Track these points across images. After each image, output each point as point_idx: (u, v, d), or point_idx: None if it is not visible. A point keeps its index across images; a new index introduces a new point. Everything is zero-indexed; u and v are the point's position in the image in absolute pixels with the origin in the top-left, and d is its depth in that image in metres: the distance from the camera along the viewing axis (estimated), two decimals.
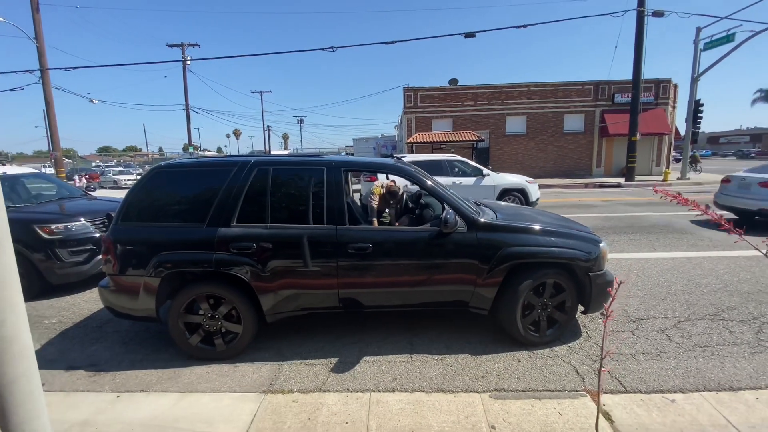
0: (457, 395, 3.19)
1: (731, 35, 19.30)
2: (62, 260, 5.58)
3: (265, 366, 3.69)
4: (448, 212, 3.65)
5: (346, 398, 3.17)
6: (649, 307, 4.77)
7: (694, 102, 22.07)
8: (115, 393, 3.34)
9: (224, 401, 3.18)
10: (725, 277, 5.74)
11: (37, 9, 19.65)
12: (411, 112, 27.50)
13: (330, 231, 3.70)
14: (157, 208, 3.80)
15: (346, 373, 3.54)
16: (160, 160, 54.76)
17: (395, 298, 3.90)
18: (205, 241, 3.64)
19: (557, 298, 3.87)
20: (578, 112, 27.14)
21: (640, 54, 20.00)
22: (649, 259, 6.77)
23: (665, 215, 10.90)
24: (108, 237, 3.75)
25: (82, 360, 3.89)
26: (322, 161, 3.93)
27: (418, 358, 3.77)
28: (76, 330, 4.57)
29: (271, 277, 3.67)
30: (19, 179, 7.03)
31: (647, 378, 3.35)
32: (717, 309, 4.66)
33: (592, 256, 3.85)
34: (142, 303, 3.72)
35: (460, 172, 12.00)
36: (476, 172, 11.96)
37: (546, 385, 3.29)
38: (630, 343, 3.94)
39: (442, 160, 12.13)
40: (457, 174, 11.90)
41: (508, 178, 12.13)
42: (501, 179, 11.93)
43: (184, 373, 3.61)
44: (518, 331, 3.82)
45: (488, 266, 3.72)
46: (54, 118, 20.67)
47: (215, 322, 3.74)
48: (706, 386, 3.24)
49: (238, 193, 3.73)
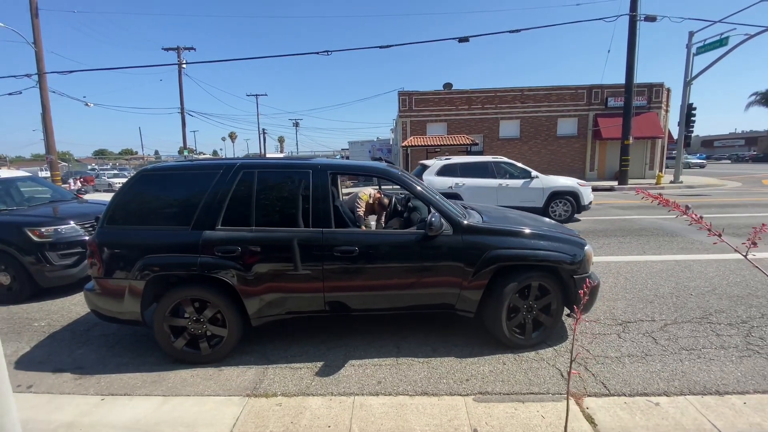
0: (441, 398, 3.18)
1: (724, 39, 19.44)
2: (52, 263, 5.56)
3: (250, 369, 3.68)
4: (433, 215, 3.66)
5: (329, 402, 3.16)
6: (637, 309, 4.79)
7: (687, 106, 22.21)
8: (100, 396, 3.32)
9: (207, 405, 3.16)
10: (714, 280, 5.76)
11: (36, 14, 19.61)
12: (406, 115, 27.56)
13: (315, 234, 3.70)
14: (143, 211, 3.80)
15: (330, 376, 3.53)
16: (155, 163, 54.46)
17: (382, 302, 3.90)
18: (190, 244, 3.64)
19: (542, 301, 3.88)
20: (571, 116, 27.25)
21: (632, 58, 20.11)
22: (639, 262, 6.80)
23: (657, 218, 10.95)
24: (93, 240, 3.74)
25: (69, 363, 3.87)
26: (307, 164, 3.94)
27: (404, 361, 3.76)
28: (65, 333, 4.55)
29: (256, 280, 3.66)
30: (12, 182, 7.02)
31: (632, 381, 3.35)
32: (705, 312, 4.67)
33: (577, 258, 3.87)
34: (127, 306, 3.70)
35: (507, 174, 11.51)
36: (524, 175, 11.45)
37: (530, 388, 3.29)
38: (616, 345, 3.94)
39: (488, 162, 11.70)
40: (503, 176, 11.43)
41: (559, 180, 11.52)
42: (550, 182, 11.36)
43: (168, 376, 3.59)
44: (503, 334, 3.83)
45: (473, 269, 3.72)
46: (50, 122, 20.58)
47: (200, 325, 3.73)
48: (691, 390, 3.23)
49: (223, 196, 3.73)
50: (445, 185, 10.99)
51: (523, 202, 10.90)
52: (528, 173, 11.44)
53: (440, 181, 11.08)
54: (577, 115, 27.22)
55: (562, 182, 11.42)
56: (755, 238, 1.84)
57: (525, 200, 11.03)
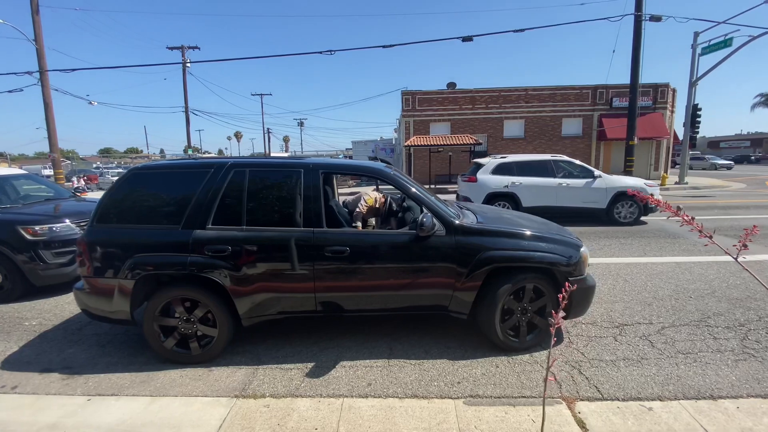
0: (431, 401, 3.13)
1: (729, 40, 19.28)
2: (46, 261, 5.55)
3: (240, 370, 3.64)
4: (425, 215, 3.61)
5: (318, 404, 3.12)
6: (635, 312, 4.72)
7: (693, 106, 22.04)
8: (86, 396, 3.29)
9: (195, 406, 3.13)
10: (714, 282, 5.68)
11: (36, 11, 19.70)
12: (409, 115, 27.49)
13: (307, 234, 3.66)
14: (133, 210, 3.77)
15: (320, 378, 3.49)
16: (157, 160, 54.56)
17: (374, 302, 3.85)
18: (179, 244, 3.60)
19: (537, 303, 3.82)
20: (576, 116, 27.10)
21: (637, 58, 19.96)
22: (639, 264, 6.72)
23: (659, 219, 10.85)
24: (82, 239, 3.71)
25: (58, 362, 3.85)
26: (299, 163, 3.90)
27: (396, 363, 3.72)
28: (56, 332, 4.52)
29: (247, 280, 3.63)
30: (8, 180, 7.02)
31: (625, 385, 3.29)
32: (703, 315, 4.60)
33: (573, 260, 3.81)
34: (116, 305, 3.68)
35: (567, 173, 10.98)
36: (586, 174, 10.88)
37: (522, 392, 3.24)
38: (611, 349, 3.88)
39: (547, 161, 11.15)
40: (563, 175, 10.90)
41: (625, 180, 10.93)
42: (615, 181, 10.74)
43: (157, 376, 3.56)
44: (497, 336, 3.77)
45: (467, 270, 3.67)
46: (53, 120, 20.66)
47: (191, 325, 3.70)
48: (685, 394, 3.17)
49: (214, 195, 3.69)
50: (500, 184, 10.76)
51: (585, 203, 10.63)
52: (590, 172, 10.89)
53: (495, 180, 10.83)
54: (581, 115, 27.06)
55: (628, 182, 10.83)
56: (746, 240, 1.79)
57: (587, 201, 10.64)
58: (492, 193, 10.75)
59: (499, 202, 10.72)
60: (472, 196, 10.93)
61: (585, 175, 10.88)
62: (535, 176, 10.87)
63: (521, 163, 11.14)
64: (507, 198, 10.77)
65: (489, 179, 10.88)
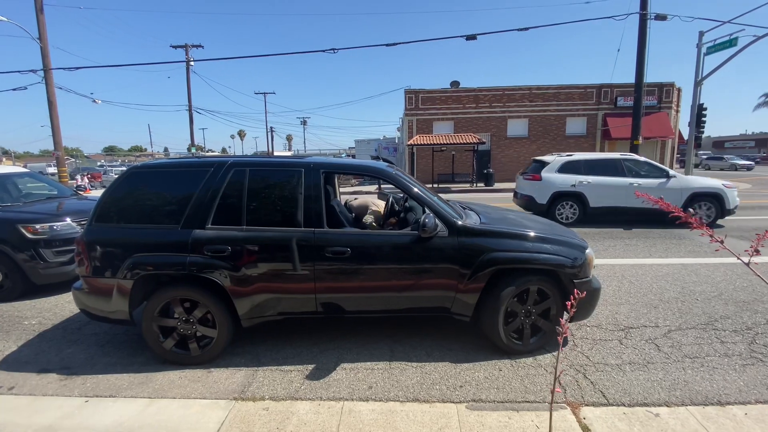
0: (433, 405, 3.08)
1: (734, 39, 19.07)
2: (46, 260, 5.52)
3: (239, 371, 3.60)
4: (427, 216, 3.55)
5: (317, 407, 3.08)
6: (640, 315, 4.65)
7: (698, 106, 21.85)
8: (84, 397, 3.25)
9: (193, 408, 3.09)
10: (721, 284, 5.60)
11: (41, 9, 19.68)
12: (412, 114, 27.42)
13: (307, 234, 3.61)
14: (132, 210, 3.72)
15: (321, 380, 3.44)
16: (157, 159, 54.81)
17: (375, 304, 3.80)
18: (179, 244, 3.56)
19: (541, 306, 3.76)
20: (580, 115, 26.97)
21: (642, 57, 19.81)
22: (644, 265, 6.64)
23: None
24: (81, 238, 3.68)
25: (56, 363, 3.81)
26: (300, 163, 3.84)
27: (397, 365, 3.66)
28: (55, 331, 4.49)
29: (247, 280, 3.58)
30: (9, 178, 7.00)
31: (632, 390, 3.23)
32: (710, 318, 4.53)
33: (578, 262, 3.74)
34: (115, 305, 3.64)
35: (639, 172, 10.53)
36: (659, 173, 10.41)
37: (526, 396, 3.18)
38: (617, 352, 3.82)
39: (617, 159, 10.68)
40: (634, 175, 10.44)
41: (701, 181, 10.36)
42: (690, 182, 10.26)
43: (156, 377, 3.52)
44: (500, 339, 3.71)
45: (470, 271, 3.61)
46: (57, 118, 20.65)
47: (190, 326, 3.66)
48: (693, 400, 3.11)
49: (213, 194, 3.65)
50: (566, 183, 10.41)
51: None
52: (664, 172, 10.41)
53: (561, 179, 10.48)
54: (586, 114, 26.94)
55: (704, 183, 10.29)
56: (758, 245, 1.72)
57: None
58: (558, 192, 10.44)
59: (566, 201, 10.45)
60: (536, 195, 10.70)
61: (658, 174, 10.42)
62: (604, 175, 10.42)
63: (590, 161, 10.72)
64: (573, 197, 10.44)
65: (554, 178, 10.52)
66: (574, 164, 10.67)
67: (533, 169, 11.29)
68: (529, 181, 11.00)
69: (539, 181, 10.68)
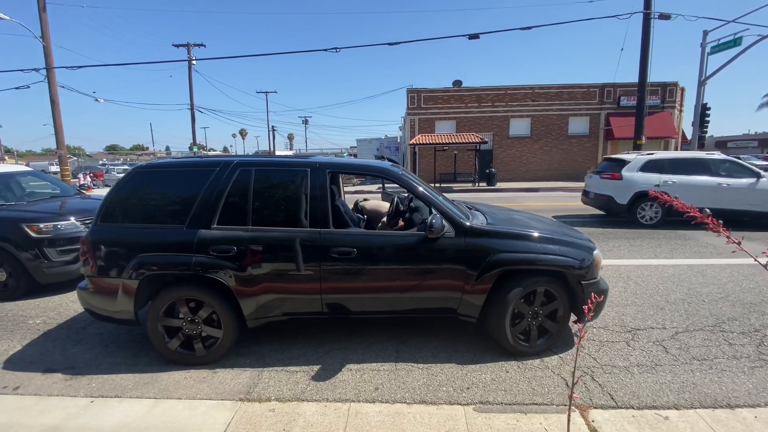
0: (440, 407, 3.06)
1: (738, 39, 19.00)
2: (51, 259, 5.51)
3: (245, 372, 3.58)
4: (434, 216, 3.53)
5: (324, 408, 3.06)
6: (647, 316, 4.62)
7: (701, 106, 21.77)
8: (89, 398, 3.24)
9: (199, 409, 3.07)
10: (728, 286, 5.57)
11: (44, 8, 19.69)
12: (414, 113, 27.38)
13: (313, 234, 3.59)
14: (137, 209, 3.71)
15: (327, 381, 3.42)
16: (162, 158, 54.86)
17: (381, 304, 3.78)
18: (184, 244, 3.54)
19: (548, 307, 3.73)
20: (583, 114, 26.90)
21: (646, 57, 19.74)
22: (650, 266, 6.60)
23: (669, 221, 10.68)
24: (86, 238, 3.66)
25: (61, 362, 3.80)
26: (306, 162, 3.82)
27: (403, 366, 3.64)
28: (60, 331, 4.48)
29: (252, 281, 3.56)
30: (13, 177, 6.99)
31: (640, 393, 3.20)
32: (717, 320, 4.50)
33: (585, 263, 3.71)
34: (120, 305, 3.63)
35: (727, 172, 10.00)
36: (748, 173, 9.88)
37: (534, 399, 3.15)
38: (624, 354, 3.79)
39: (704, 158, 10.16)
40: (723, 175, 9.93)
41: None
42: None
43: (161, 378, 3.51)
44: (507, 341, 3.69)
45: (476, 272, 3.59)
46: (59, 116, 20.66)
47: (195, 326, 3.64)
48: (702, 403, 3.08)
49: (219, 194, 3.63)
50: (649, 183, 9.85)
51: (749, 206, 9.68)
52: (755, 173, 9.88)
53: (644, 178, 9.98)
54: (588, 113, 26.86)
55: None
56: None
57: (752, 203, 9.65)
58: (640, 192, 9.92)
59: (648, 202, 9.99)
60: (615, 194, 10.27)
61: (748, 174, 9.91)
62: (690, 174, 9.97)
63: (674, 160, 10.27)
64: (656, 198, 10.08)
65: (637, 177, 10.07)
66: (657, 163, 10.22)
67: (610, 167, 10.83)
68: (608, 180, 10.52)
69: (619, 181, 10.24)
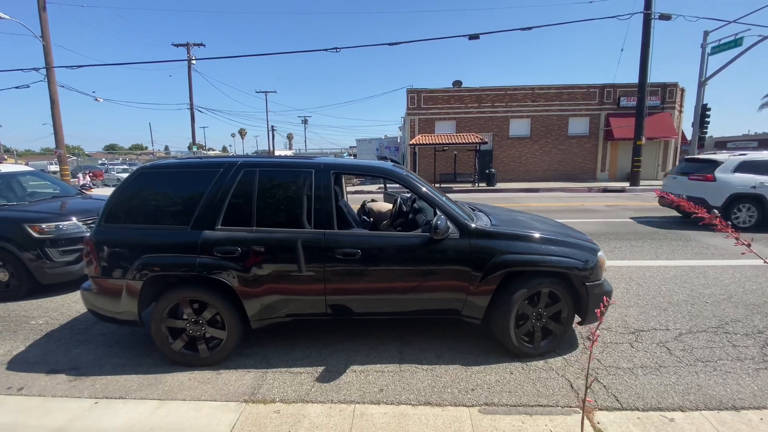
0: (445, 409, 3.06)
1: (739, 39, 19.01)
2: (53, 260, 5.50)
3: (249, 373, 3.57)
4: (439, 218, 3.52)
5: (329, 410, 3.05)
6: (650, 317, 4.62)
7: (701, 106, 21.79)
8: (94, 399, 3.23)
9: (204, 410, 3.07)
10: (730, 287, 5.57)
11: (44, 8, 19.68)
12: (414, 113, 27.38)
13: (317, 235, 3.58)
14: (141, 210, 3.70)
15: (331, 382, 3.42)
16: (164, 159, 54.83)
17: (385, 306, 3.78)
18: (188, 244, 3.54)
19: (552, 308, 3.73)
20: (583, 115, 26.91)
21: (646, 57, 19.78)
22: (652, 267, 6.61)
23: (670, 221, 10.70)
24: (90, 238, 3.66)
25: (65, 363, 3.79)
26: (310, 163, 3.82)
27: (407, 368, 3.64)
28: (62, 331, 4.47)
29: (256, 282, 3.56)
30: (14, 177, 6.98)
31: (645, 394, 3.20)
32: (721, 321, 4.50)
33: (589, 265, 3.71)
34: (124, 306, 3.62)
35: None
36: None
37: (538, 400, 3.15)
38: (628, 356, 3.79)
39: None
40: None
41: None
42: None
43: (165, 379, 3.50)
44: (511, 342, 3.69)
45: (481, 274, 3.59)
46: (59, 116, 20.65)
47: (199, 327, 3.63)
48: (707, 404, 3.08)
49: (223, 195, 3.62)
50: (746, 185, 9.52)
51: None
52: None
53: (740, 180, 9.60)
54: (588, 114, 26.88)
55: None
56: None
57: None
58: (736, 194, 9.58)
59: (743, 204, 9.64)
60: (708, 197, 9.76)
61: None
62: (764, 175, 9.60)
63: (759, 162, 9.80)
64: (753, 200, 9.57)
65: (732, 178, 9.67)
66: (753, 164, 9.77)
67: (699, 168, 10.38)
68: (698, 181, 10.11)
69: (713, 182, 9.85)
